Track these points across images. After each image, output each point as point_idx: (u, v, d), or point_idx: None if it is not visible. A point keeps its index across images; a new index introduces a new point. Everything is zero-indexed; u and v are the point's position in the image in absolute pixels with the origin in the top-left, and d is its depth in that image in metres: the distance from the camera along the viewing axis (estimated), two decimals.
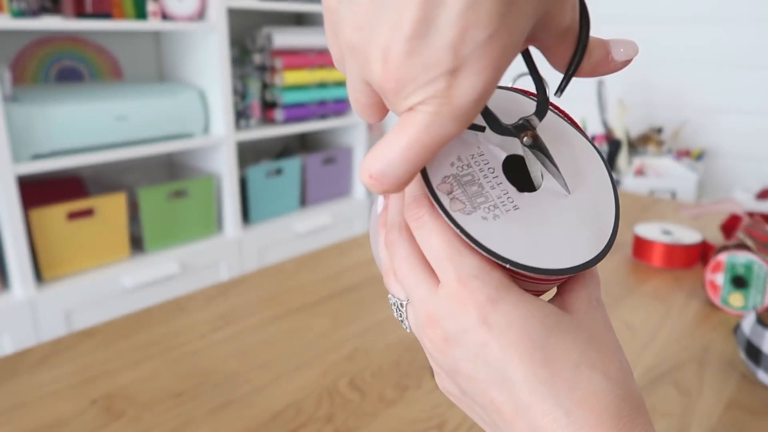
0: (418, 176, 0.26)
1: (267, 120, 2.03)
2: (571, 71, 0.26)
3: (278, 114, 1.99)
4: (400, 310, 0.29)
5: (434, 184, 0.26)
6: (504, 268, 0.26)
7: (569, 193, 0.27)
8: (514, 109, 0.29)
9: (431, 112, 0.21)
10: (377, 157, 0.23)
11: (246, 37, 2.01)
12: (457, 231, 0.25)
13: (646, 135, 1.54)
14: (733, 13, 1.54)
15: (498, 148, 0.27)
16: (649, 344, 0.61)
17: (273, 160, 2.13)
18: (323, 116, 2.14)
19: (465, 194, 0.26)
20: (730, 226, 0.84)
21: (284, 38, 1.94)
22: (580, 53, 0.25)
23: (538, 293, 0.28)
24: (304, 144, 2.45)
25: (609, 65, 0.26)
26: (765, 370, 0.53)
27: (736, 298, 0.67)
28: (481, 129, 0.27)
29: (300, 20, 2.30)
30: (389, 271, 0.30)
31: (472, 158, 0.27)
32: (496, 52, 0.21)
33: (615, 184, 0.28)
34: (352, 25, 0.22)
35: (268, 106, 2.02)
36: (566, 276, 0.26)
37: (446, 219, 0.25)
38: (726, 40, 1.56)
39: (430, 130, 0.22)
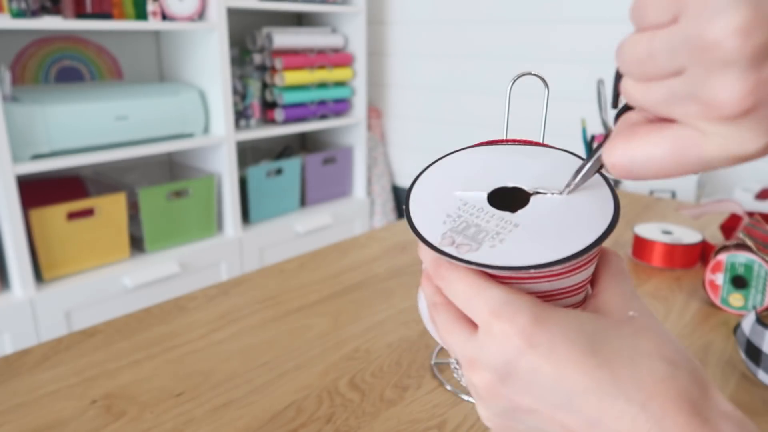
0: (425, 247, 0.28)
1: (267, 120, 2.03)
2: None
3: (278, 114, 1.99)
4: (457, 370, 0.30)
5: (436, 244, 0.28)
6: (530, 289, 0.27)
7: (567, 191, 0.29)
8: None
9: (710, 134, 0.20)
10: (629, 152, 0.22)
11: (246, 37, 2.01)
12: (475, 267, 0.26)
13: None
14: None
15: (476, 192, 0.30)
16: None
17: (273, 160, 2.13)
18: (323, 116, 2.14)
19: (466, 237, 0.28)
20: (730, 226, 0.84)
21: (284, 38, 1.94)
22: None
23: (571, 293, 0.29)
24: (304, 144, 2.44)
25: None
26: (765, 370, 0.53)
27: (736, 298, 0.67)
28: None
29: (300, 20, 2.29)
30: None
31: (459, 210, 0.30)
32: None
33: (611, 183, 0.30)
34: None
35: (268, 106, 2.02)
36: (588, 256, 0.27)
37: (461, 264, 0.27)
38: None
39: (703, 150, 0.21)
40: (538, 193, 0.29)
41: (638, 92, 0.22)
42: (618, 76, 0.25)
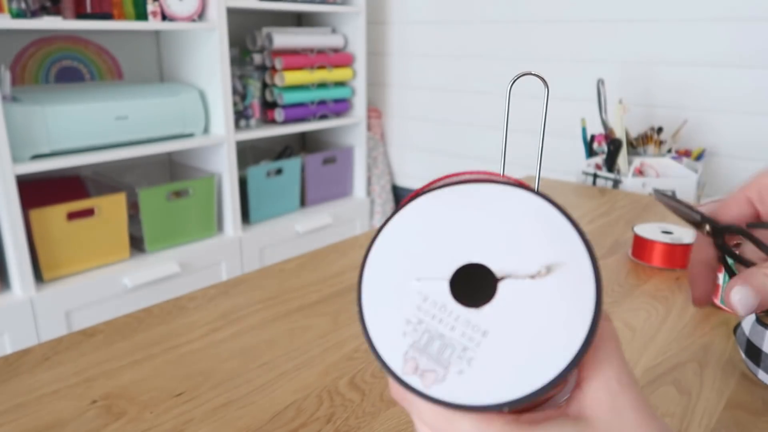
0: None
1: (267, 120, 2.03)
2: None
3: (278, 114, 1.99)
4: None
5: (399, 371, 0.24)
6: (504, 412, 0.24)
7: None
8: None
9: None
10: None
11: (246, 37, 2.01)
12: (442, 408, 0.23)
13: (646, 135, 1.54)
14: (733, 13, 1.54)
15: (436, 280, 0.25)
16: (649, 344, 0.61)
17: (273, 160, 2.13)
18: (323, 116, 2.14)
19: (431, 359, 0.24)
20: None
21: (284, 38, 1.94)
22: None
23: (547, 398, 0.27)
24: (304, 144, 2.45)
25: None
26: (765, 370, 0.53)
27: None
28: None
29: (300, 20, 2.30)
30: None
31: (419, 311, 0.25)
32: None
33: (592, 251, 0.25)
34: None
35: (268, 106, 2.02)
36: (570, 373, 0.23)
37: (427, 401, 0.24)
38: (726, 40, 1.56)
39: None
40: (507, 277, 0.25)
41: None
42: None
